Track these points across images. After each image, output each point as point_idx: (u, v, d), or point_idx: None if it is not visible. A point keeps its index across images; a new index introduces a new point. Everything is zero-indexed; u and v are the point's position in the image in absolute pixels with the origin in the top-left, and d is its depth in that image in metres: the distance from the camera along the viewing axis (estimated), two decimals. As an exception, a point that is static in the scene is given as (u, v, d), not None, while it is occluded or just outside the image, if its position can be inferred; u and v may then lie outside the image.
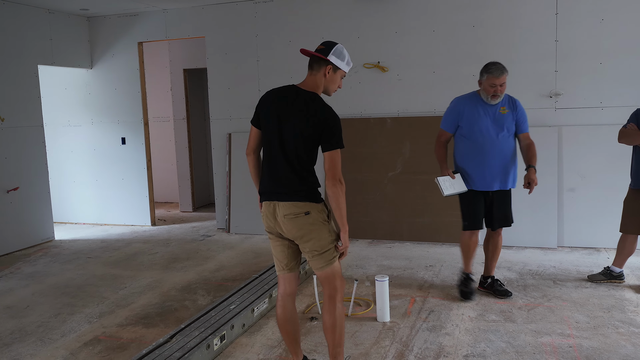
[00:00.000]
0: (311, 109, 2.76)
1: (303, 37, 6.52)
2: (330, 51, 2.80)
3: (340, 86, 2.94)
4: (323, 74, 2.82)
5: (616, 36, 5.49)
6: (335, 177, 2.72)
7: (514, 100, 4.17)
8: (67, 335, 3.85)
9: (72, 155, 7.76)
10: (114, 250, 6.26)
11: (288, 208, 2.77)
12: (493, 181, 4.09)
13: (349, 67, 2.89)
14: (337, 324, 2.85)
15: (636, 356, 3.20)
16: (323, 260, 2.82)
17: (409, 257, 5.53)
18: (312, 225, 2.77)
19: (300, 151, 2.77)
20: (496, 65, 4.01)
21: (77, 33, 7.35)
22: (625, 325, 3.63)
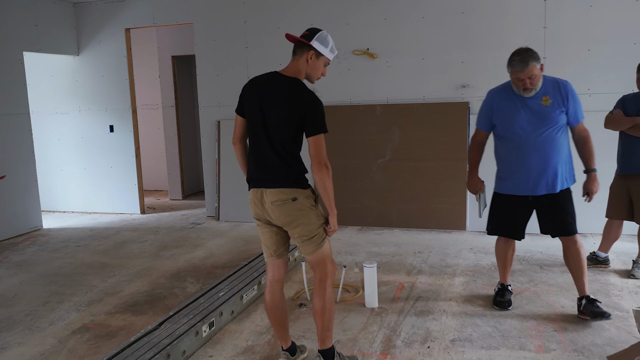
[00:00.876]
0: (293, 94, 2.76)
1: (292, 24, 6.47)
2: (313, 37, 2.80)
3: (324, 74, 2.92)
4: (305, 59, 2.81)
5: (604, 23, 5.51)
6: (320, 162, 2.73)
7: (563, 84, 3.45)
8: (55, 323, 3.85)
9: (59, 143, 7.70)
10: (103, 238, 6.24)
11: (275, 194, 2.78)
12: (536, 185, 3.49)
13: (332, 54, 2.88)
14: (326, 308, 2.87)
15: (619, 339, 3.25)
16: (313, 244, 2.84)
17: (398, 243, 5.56)
18: (299, 211, 2.78)
19: (285, 137, 2.77)
20: (520, 55, 3.32)
21: (63, 19, 7.26)
22: (609, 309, 3.67)
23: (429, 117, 6.07)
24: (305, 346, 3.24)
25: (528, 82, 3.34)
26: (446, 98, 6.07)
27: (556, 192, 3.49)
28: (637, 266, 4.32)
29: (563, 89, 3.43)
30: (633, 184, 4.20)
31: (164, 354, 3.02)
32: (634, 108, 4.18)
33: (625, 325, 3.45)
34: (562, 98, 3.42)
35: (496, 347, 3.23)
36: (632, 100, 4.25)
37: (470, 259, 4.95)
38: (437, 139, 6.04)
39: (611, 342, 3.23)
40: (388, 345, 3.31)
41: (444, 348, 3.24)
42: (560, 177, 3.48)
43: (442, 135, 6.03)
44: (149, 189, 9.47)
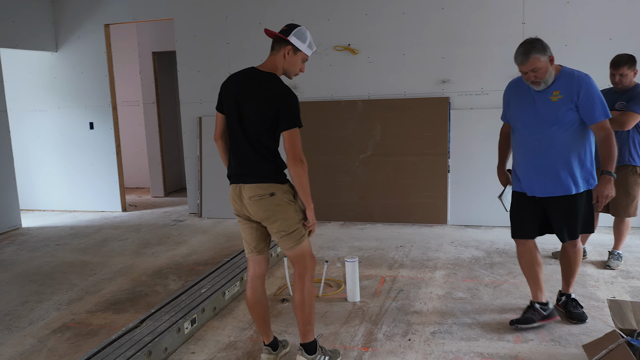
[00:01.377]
0: (268, 89, 2.76)
1: (273, 19, 6.46)
2: (291, 32, 2.81)
3: (302, 70, 2.92)
4: (283, 54, 2.82)
5: (581, 18, 5.59)
6: (295, 157, 2.73)
7: (577, 78, 3.14)
8: (35, 323, 3.81)
9: (38, 141, 7.61)
10: (84, 236, 6.19)
11: (253, 190, 2.79)
12: (537, 186, 3.27)
13: (310, 50, 2.88)
14: (306, 302, 2.88)
15: (595, 328, 3.31)
16: (292, 240, 2.84)
17: (380, 238, 5.60)
18: (277, 206, 2.79)
19: (261, 132, 2.77)
20: (523, 47, 3.12)
21: (40, 15, 7.16)
22: (585, 300, 3.75)
23: (410, 112, 6.11)
24: (287, 341, 3.25)
25: (532, 76, 3.11)
26: (427, 93, 6.11)
27: (559, 196, 3.22)
28: (613, 257, 4.41)
29: (577, 83, 3.12)
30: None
31: (145, 351, 3.01)
32: (608, 103, 4.21)
33: (601, 314, 3.52)
34: (574, 93, 3.11)
35: (475, 338, 3.28)
36: (606, 95, 4.30)
37: (451, 253, 5.00)
38: (418, 134, 6.09)
39: (587, 331, 3.30)
40: (369, 338, 3.34)
41: (424, 340, 3.28)
42: (566, 181, 3.18)
43: (423, 130, 6.07)
44: (130, 186, 9.40)
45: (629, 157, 4.19)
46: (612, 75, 4.20)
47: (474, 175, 5.93)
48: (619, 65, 4.15)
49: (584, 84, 3.12)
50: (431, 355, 3.09)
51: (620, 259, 4.42)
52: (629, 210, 4.27)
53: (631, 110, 4.07)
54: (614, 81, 4.20)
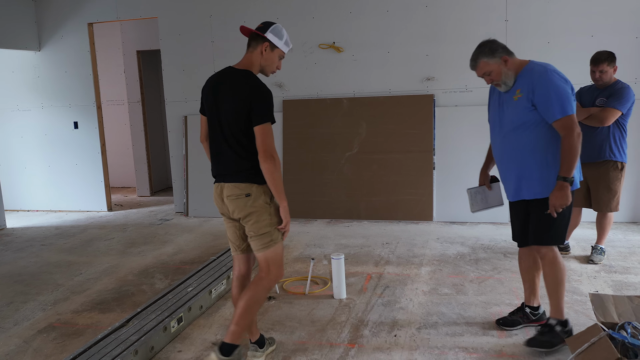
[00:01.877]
0: (241, 86, 2.76)
1: (257, 18, 6.39)
2: (268, 29, 2.82)
3: (279, 67, 2.93)
4: (260, 51, 2.84)
5: (563, 16, 5.65)
6: (266, 152, 2.70)
7: (537, 73, 2.95)
8: (20, 323, 3.79)
9: (22, 140, 7.54)
10: (69, 236, 6.14)
11: (230, 189, 2.80)
12: (510, 190, 3.15)
13: (287, 47, 2.90)
14: (249, 308, 2.80)
15: (578, 322, 3.36)
16: (260, 242, 2.82)
17: (366, 235, 5.63)
18: (252, 207, 2.77)
19: (237, 131, 2.76)
20: (474, 51, 3.07)
21: (22, 14, 7.09)
22: (569, 294, 3.80)
23: (395, 109, 6.14)
24: (274, 338, 3.26)
25: (488, 79, 3.06)
26: (412, 91, 6.15)
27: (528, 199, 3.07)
28: (596, 252, 4.47)
29: (534, 79, 2.94)
30: (589, 173, 4.33)
31: (131, 350, 3.01)
32: (589, 99, 4.32)
33: (584, 309, 3.57)
34: (530, 90, 2.94)
35: (460, 333, 3.32)
36: (587, 91, 4.39)
37: (437, 249, 5.04)
38: (403, 131, 6.12)
39: (570, 325, 3.34)
40: (356, 335, 3.36)
41: (410, 336, 3.31)
42: (536, 184, 3.00)
43: (408, 127, 6.11)
44: (116, 185, 9.35)
45: (609, 152, 4.25)
46: (593, 72, 4.26)
47: (459, 172, 5.97)
48: (599, 62, 4.21)
49: (541, 79, 2.91)
50: (417, 351, 3.12)
51: (603, 253, 4.48)
52: (610, 205, 4.34)
53: (611, 106, 4.13)
54: (594, 78, 4.26)
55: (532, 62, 3.03)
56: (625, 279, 4.10)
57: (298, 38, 6.39)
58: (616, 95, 4.16)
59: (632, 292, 3.81)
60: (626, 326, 2.79)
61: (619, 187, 4.32)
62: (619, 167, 4.29)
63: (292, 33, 6.37)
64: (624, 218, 5.65)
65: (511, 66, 3.02)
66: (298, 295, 4.02)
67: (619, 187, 4.32)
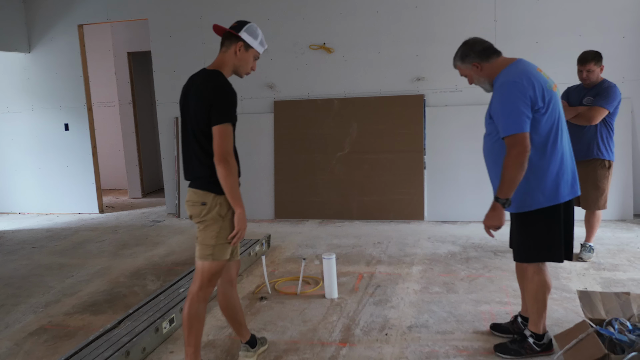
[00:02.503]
0: (205, 86, 2.66)
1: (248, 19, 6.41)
2: (242, 28, 2.73)
3: (254, 68, 2.84)
4: (234, 51, 2.74)
5: (551, 16, 5.71)
6: (220, 155, 2.57)
7: (498, 85, 2.77)
8: (11, 326, 3.78)
9: (12, 143, 7.51)
10: (60, 239, 6.13)
11: (190, 194, 2.74)
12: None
13: (262, 47, 2.82)
14: (192, 325, 2.73)
15: (567, 319, 3.40)
16: (200, 251, 2.73)
17: (358, 235, 5.65)
18: (204, 217, 2.68)
19: (199, 135, 2.65)
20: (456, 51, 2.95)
21: (12, 15, 7.07)
22: (558, 291, 3.84)
23: (386, 109, 6.17)
24: (265, 338, 3.28)
25: (469, 81, 2.96)
26: (402, 91, 6.18)
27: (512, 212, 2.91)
28: (585, 249, 4.51)
29: (496, 88, 2.78)
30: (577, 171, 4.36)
31: (123, 351, 3.01)
32: (577, 98, 4.37)
33: (573, 306, 3.60)
34: (491, 99, 2.80)
35: (451, 331, 3.34)
36: (575, 91, 4.44)
37: (428, 248, 5.07)
38: (394, 131, 6.15)
39: (559, 322, 3.38)
40: (347, 334, 3.38)
41: (401, 334, 3.33)
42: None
43: (399, 127, 6.14)
44: (107, 187, 9.33)
45: (597, 151, 4.30)
46: (580, 71, 4.31)
47: (450, 171, 6.01)
48: (586, 61, 4.25)
49: (497, 92, 2.75)
50: (407, 349, 3.15)
51: (592, 251, 4.52)
52: (598, 203, 4.38)
53: (598, 105, 4.18)
54: (582, 77, 4.31)
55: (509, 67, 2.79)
56: (614, 276, 4.14)
57: (288, 39, 6.41)
58: (603, 94, 4.21)
59: (620, 288, 3.85)
60: (613, 322, 2.83)
61: (607, 185, 4.36)
62: (607, 166, 4.33)
63: (283, 34, 6.41)
64: (612, 216, 5.70)
65: (486, 71, 2.84)
66: (290, 295, 4.04)
67: (607, 185, 4.36)
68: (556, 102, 2.79)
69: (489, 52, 2.86)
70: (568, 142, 2.88)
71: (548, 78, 2.83)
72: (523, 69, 2.77)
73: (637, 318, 2.91)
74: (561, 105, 2.86)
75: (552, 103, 2.76)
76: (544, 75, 2.81)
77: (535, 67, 2.84)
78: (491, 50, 2.87)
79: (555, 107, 2.78)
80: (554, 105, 2.77)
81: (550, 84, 2.81)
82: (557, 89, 2.86)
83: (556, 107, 2.79)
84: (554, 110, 2.76)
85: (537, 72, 2.81)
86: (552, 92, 2.78)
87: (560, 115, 2.82)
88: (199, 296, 2.73)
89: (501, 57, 2.87)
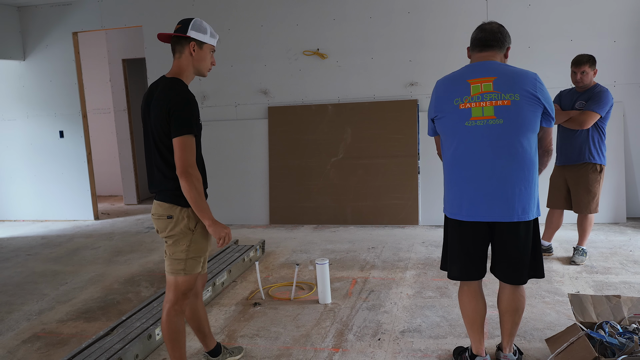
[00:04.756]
0: (164, 95, 2.56)
1: (242, 26, 6.50)
2: (188, 27, 2.62)
3: (214, 63, 2.76)
4: (189, 53, 2.64)
5: (542, 21, 5.74)
6: (182, 168, 2.49)
7: None
8: (4, 334, 3.78)
9: (7, 150, 7.51)
10: (55, 246, 6.12)
11: (155, 207, 2.68)
12: None
13: (214, 39, 2.72)
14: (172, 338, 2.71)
15: (559, 322, 3.41)
16: (170, 266, 2.68)
17: (353, 240, 5.66)
18: (172, 231, 2.62)
19: (161, 146, 2.59)
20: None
21: (6, 23, 7.08)
22: (551, 295, 3.86)
23: (380, 115, 6.20)
24: (241, 347, 3.24)
25: None
26: (396, 96, 6.20)
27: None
28: (578, 253, 4.53)
29: None
30: (569, 175, 4.42)
31: (115, 358, 3.01)
32: (569, 102, 4.40)
33: (565, 309, 3.62)
34: None
35: (444, 335, 3.35)
36: (567, 95, 4.47)
37: (422, 253, 5.08)
38: (388, 136, 6.17)
39: (551, 325, 3.39)
40: (340, 339, 3.38)
41: (393, 339, 3.34)
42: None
43: (393, 132, 6.16)
44: (103, 194, 9.32)
45: (588, 155, 4.32)
46: (574, 73, 4.33)
47: (444, 176, 6.02)
48: (581, 63, 4.28)
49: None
50: (400, 354, 3.15)
51: (585, 254, 4.54)
52: (590, 207, 4.40)
53: (590, 109, 4.20)
54: (575, 79, 4.33)
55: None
56: (606, 279, 4.16)
57: (282, 45, 6.43)
58: (595, 99, 4.23)
59: (613, 291, 3.87)
60: (604, 326, 2.84)
61: (599, 189, 4.39)
62: (598, 170, 4.35)
63: (276, 40, 6.43)
64: (605, 219, 5.73)
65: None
66: (283, 301, 4.05)
67: (599, 189, 4.39)
68: (458, 118, 2.60)
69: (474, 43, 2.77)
70: (497, 165, 2.57)
71: (478, 94, 2.57)
72: (453, 74, 2.73)
73: (628, 321, 2.93)
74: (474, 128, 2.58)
75: (446, 117, 2.65)
76: (466, 88, 2.60)
77: (466, 78, 2.63)
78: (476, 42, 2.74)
79: (456, 124, 2.61)
80: (452, 122, 2.62)
81: (464, 98, 2.59)
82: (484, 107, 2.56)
83: (457, 124, 2.61)
84: (453, 127, 2.63)
85: (460, 83, 2.64)
86: (453, 107, 2.61)
87: (471, 134, 2.58)
88: (176, 310, 2.69)
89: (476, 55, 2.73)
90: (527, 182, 2.60)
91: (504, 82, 2.57)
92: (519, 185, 2.58)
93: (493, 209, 2.60)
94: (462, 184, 2.67)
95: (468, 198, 2.65)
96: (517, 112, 2.54)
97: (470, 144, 2.61)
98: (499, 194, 2.59)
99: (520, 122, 2.54)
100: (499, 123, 2.55)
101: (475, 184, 2.62)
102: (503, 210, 2.60)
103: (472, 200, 2.64)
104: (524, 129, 2.55)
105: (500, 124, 2.55)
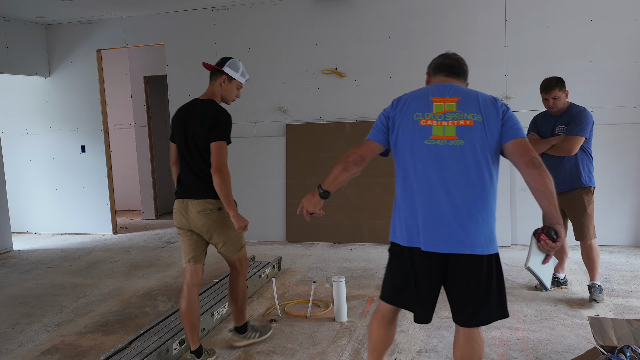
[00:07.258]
0: (205, 113, 3.19)
1: (262, 44, 6.60)
2: (225, 64, 3.28)
3: (238, 96, 3.37)
4: (219, 83, 3.30)
5: (561, 42, 5.75)
6: (216, 166, 3.09)
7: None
8: (24, 345, 3.83)
9: (30, 164, 7.66)
10: (74, 259, 6.20)
11: (201, 205, 3.18)
12: None
13: (244, 78, 3.36)
14: (239, 296, 3.48)
15: (578, 346, 3.37)
16: (232, 248, 3.33)
17: (369, 258, 5.65)
18: (224, 220, 3.23)
19: (205, 152, 3.15)
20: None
21: (34, 41, 7.27)
22: (570, 318, 3.81)
23: (398, 134, 6.20)
24: (214, 350, 3.46)
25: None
26: (414, 115, 6.21)
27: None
28: (595, 291, 4.17)
29: None
30: (564, 203, 4.19)
31: (133, 371, 3.04)
32: (547, 128, 4.23)
33: (585, 332, 3.57)
34: None
35: (460, 356, 3.32)
36: (543, 120, 4.30)
37: None
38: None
39: (570, 349, 3.35)
40: (356, 357, 3.37)
41: (410, 359, 3.32)
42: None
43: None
44: (121, 208, 9.43)
45: (580, 179, 4.13)
46: (545, 100, 4.17)
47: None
48: (550, 88, 4.12)
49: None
50: (416, 374, 3.13)
51: (602, 290, 4.19)
52: (590, 230, 4.15)
53: (573, 134, 4.03)
54: (548, 105, 4.17)
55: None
56: (627, 302, 4.10)
57: (301, 64, 6.51)
58: (575, 122, 4.06)
59: (634, 315, 3.81)
60: (625, 350, 2.80)
61: (593, 210, 4.18)
62: (591, 192, 4.16)
63: (295, 59, 6.52)
64: (626, 242, 5.66)
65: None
66: (299, 318, 4.05)
67: (593, 210, 4.18)
68: (419, 134, 2.43)
69: (440, 67, 2.69)
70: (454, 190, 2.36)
71: (440, 112, 2.43)
72: (417, 90, 2.63)
73: (649, 345, 2.88)
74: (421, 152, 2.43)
75: (402, 130, 2.51)
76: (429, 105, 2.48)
77: (429, 95, 2.50)
78: (442, 67, 2.67)
79: (415, 141, 2.44)
80: (411, 137, 2.46)
81: (426, 115, 2.45)
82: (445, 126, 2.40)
83: (416, 140, 2.44)
84: (411, 144, 2.46)
85: (423, 98, 2.52)
86: (413, 121, 2.47)
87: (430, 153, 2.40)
88: (244, 275, 3.45)
89: (439, 79, 2.64)
90: (485, 211, 2.36)
91: (467, 103, 2.43)
92: (477, 214, 2.34)
93: (450, 239, 2.34)
94: (407, 207, 2.46)
95: (409, 223, 2.44)
96: (480, 133, 2.37)
97: (428, 164, 2.40)
98: (456, 221, 2.34)
99: (481, 144, 2.36)
100: (459, 144, 2.37)
101: (429, 209, 2.39)
102: (461, 241, 2.34)
103: (410, 226, 2.43)
104: (485, 152, 2.36)
105: (461, 145, 2.36)
